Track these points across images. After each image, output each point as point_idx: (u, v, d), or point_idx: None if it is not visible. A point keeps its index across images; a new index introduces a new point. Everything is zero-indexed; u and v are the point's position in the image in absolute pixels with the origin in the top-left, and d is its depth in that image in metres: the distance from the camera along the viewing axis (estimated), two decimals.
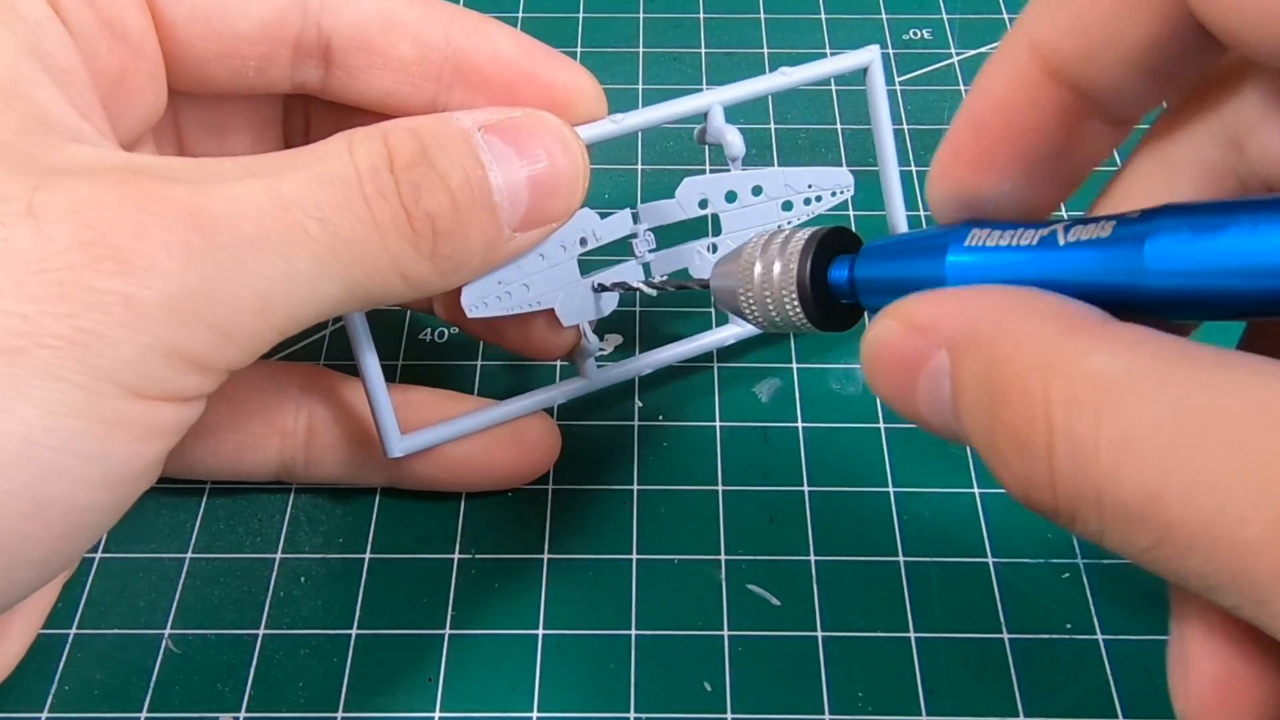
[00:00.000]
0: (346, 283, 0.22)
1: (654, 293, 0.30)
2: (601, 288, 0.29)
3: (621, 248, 0.30)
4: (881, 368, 0.17)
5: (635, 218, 0.30)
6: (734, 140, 0.29)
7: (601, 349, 0.35)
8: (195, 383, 0.21)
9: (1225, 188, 0.18)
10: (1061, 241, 0.17)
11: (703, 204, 0.30)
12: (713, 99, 0.29)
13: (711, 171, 0.38)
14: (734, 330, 0.32)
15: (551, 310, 0.29)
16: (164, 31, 0.26)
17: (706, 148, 0.38)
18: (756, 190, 0.30)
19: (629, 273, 0.30)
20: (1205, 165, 0.18)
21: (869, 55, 0.31)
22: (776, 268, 0.23)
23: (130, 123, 0.26)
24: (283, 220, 0.21)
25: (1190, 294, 0.15)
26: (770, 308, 0.23)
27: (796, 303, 0.23)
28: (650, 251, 0.30)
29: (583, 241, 0.28)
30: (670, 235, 0.31)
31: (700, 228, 0.31)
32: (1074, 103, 0.18)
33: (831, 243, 0.23)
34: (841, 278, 0.22)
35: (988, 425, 0.15)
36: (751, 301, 0.24)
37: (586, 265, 0.29)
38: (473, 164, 0.24)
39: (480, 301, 0.27)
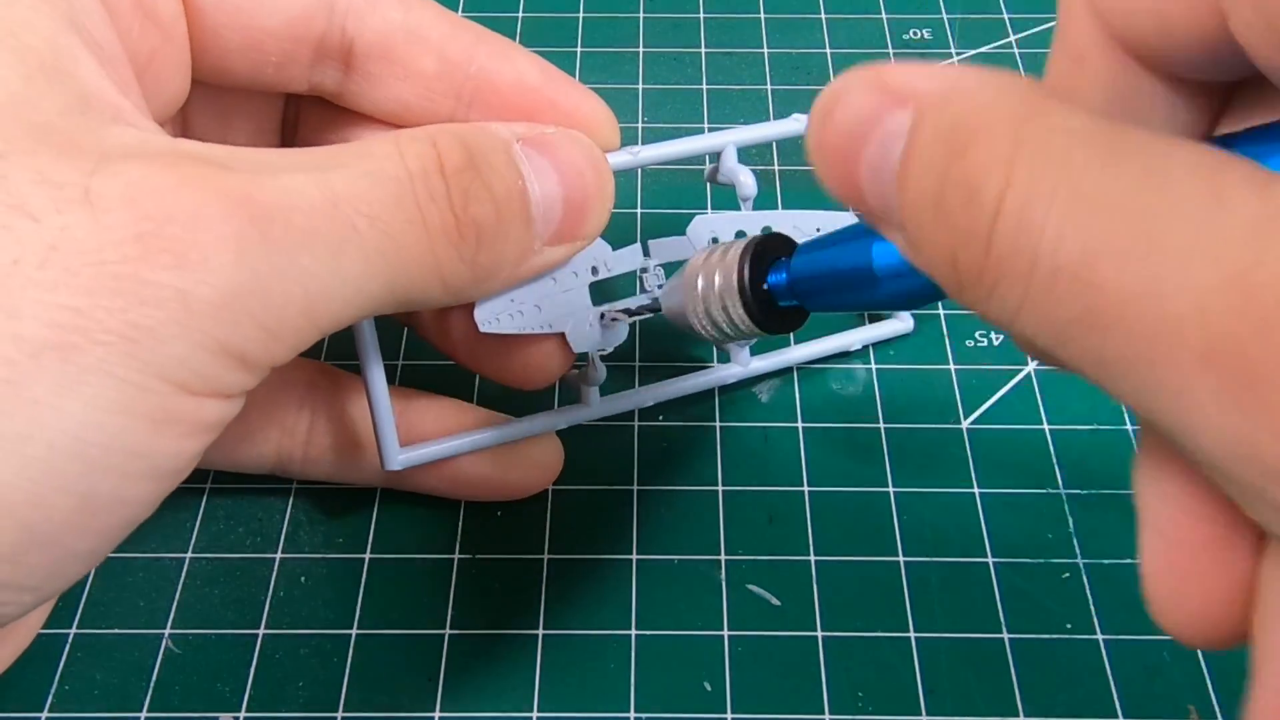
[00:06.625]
0: (389, 284, 0.22)
1: (638, 311, 0.29)
2: (604, 318, 0.29)
3: (631, 283, 0.30)
4: (834, 124, 0.16)
5: (646, 252, 0.30)
6: (746, 181, 0.30)
7: (601, 349, 0.35)
8: (240, 379, 0.21)
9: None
10: None
11: (713, 242, 0.30)
12: (727, 139, 0.30)
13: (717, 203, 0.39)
14: (735, 370, 0.33)
15: (552, 337, 0.28)
16: (192, 18, 0.25)
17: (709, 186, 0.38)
18: (765, 231, 0.30)
19: (632, 302, 0.30)
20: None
21: None
22: (718, 278, 0.24)
23: (154, 108, 0.25)
24: (333, 216, 0.21)
25: None
26: (717, 316, 0.24)
27: (740, 307, 0.23)
28: (659, 286, 0.30)
29: (594, 270, 0.28)
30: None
31: None
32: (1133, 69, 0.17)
33: (770, 248, 0.23)
34: (780, 280, 0.23)
35: (937, 178, 0.14)
36: (699, 314, 0.24)
37: (599, 300, 0.29)
38: (514, 175, 0.24)
39: (494, 318, 0.27)
